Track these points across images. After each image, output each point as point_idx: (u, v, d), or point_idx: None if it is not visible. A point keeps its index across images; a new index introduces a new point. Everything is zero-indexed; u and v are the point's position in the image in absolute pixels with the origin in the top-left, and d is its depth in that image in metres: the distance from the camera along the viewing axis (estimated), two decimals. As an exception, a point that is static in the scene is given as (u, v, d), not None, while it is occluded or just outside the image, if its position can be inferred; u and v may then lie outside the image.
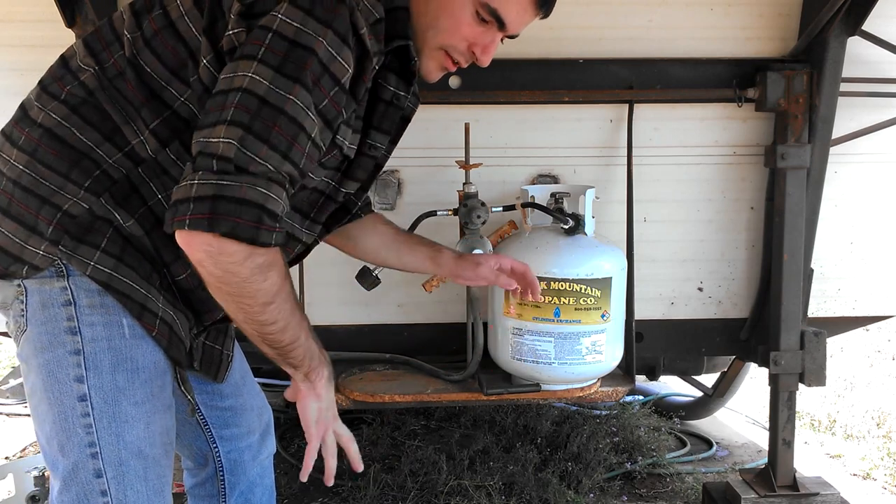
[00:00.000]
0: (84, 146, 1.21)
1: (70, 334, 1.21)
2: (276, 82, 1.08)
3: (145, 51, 1.21)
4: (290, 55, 1.09)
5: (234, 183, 1.05)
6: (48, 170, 1.20)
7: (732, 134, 2.30)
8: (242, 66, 1.09)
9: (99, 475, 1.22)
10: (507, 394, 2.13)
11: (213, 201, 1.04)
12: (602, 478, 2.72)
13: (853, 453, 3.25)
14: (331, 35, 1.11)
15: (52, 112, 1.22)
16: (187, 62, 1.20)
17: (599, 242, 2.10)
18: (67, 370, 1.21)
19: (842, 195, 2.36)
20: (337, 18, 1.11)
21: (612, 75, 2.22)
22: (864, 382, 4.33)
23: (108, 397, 1.22)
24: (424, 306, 2.32)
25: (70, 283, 1.20)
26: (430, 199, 2.16)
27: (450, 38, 1.27)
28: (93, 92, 1.22)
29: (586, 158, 2.30)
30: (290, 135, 1.09)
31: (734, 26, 2.22)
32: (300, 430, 3.59)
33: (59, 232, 1.19)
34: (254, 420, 1.61)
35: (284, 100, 1.08)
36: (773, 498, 2.31)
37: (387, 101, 1.31)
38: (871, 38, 2.16)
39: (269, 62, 1.09)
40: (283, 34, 1.10)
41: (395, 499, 2.58)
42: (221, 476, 1.58)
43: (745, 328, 2.45)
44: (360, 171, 1.37)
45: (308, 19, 1.10)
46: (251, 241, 1.06)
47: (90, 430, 1.21)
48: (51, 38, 2.06)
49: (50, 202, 1.19)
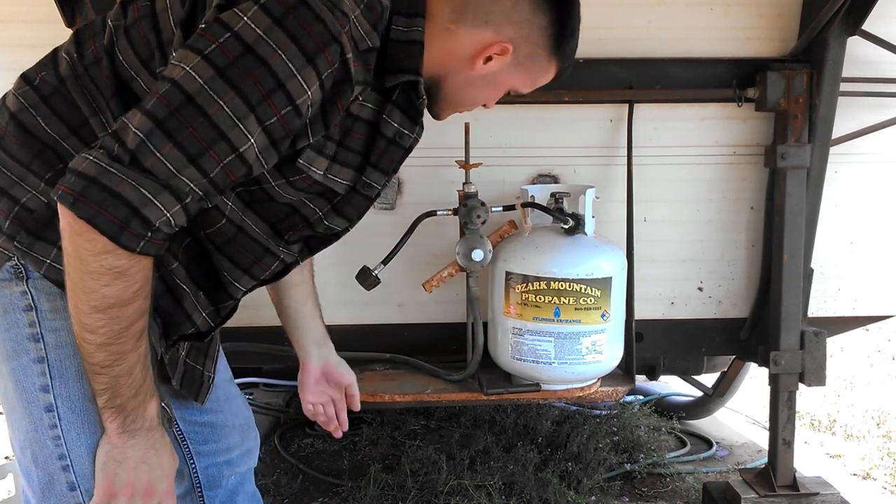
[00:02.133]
0: (49, 138, 1.14)
1: (33, 341, 1.14)
2: (213, 84, 0.99)
3: (122, 39, 1.14)
4: (239, 61, 0.99)
5: (117, 174, 0.96)
6: (11, 159, 1.14)
7: (732, 134, 2.30)
8: (186, 59, 1.00)
9: (73, 488, 1.15)
10: (507, 394, 2.13)
11: (88, 183, 0.96)
12: (602, 478, 2.72)
13: (853, 453, 3.25)
14: (293, 50, 1.00)
15: (22, 97, 1.17)
16: (154, 53, 1.13)
17: (599, 242, 2.10)
18: (33, 379, 1.14)
19: (842, 195, 2.36)
20: (307, 35, 1.01)
21: (612, 75, 2.22)
22: (864, 382, 4.33)
23: (76, 407, 1.14)
24: (424, 306, 2.32)
25: (30, 287, 1.13)
26: (430, 198, 2.16)
27: (474, 104, 1.31)
28: (64, 80, 1.16)
29: (586, 158, 2.30)
30: (205, 140, 0.99)
31: (734, 26, 2.22)
32: (300, 430, 3.59)
33: (16, 226, 1.12)
34: (234, 438, 1.50)
35: (212, 103, 0.99)
36: (773, 498, 2.31)
37: (389, 138, 1.23)
38: (871, 38, 2.16)
39: (214, 62, 0.99)
40: (241, 37, 1.00)
41: (395, 499, 2.58)
42: (199, 491, 1.47)
43: (745, 328, 2.45)
44: (350, 208, 1.30)
45: (274, 29, 1.00)
46: (112, 237, 0.97)
47: (59, 443, 1.14)
48: (51, 38, 2.05)
49: (9, 194, 1.13)
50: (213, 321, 1.31)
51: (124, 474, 1.12)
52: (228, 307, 1.34)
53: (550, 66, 1.30)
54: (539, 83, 1.32)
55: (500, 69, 1.24)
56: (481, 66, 1.22)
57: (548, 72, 1.30)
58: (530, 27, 1.22)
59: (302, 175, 1.18)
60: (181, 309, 1.23)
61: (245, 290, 1.32)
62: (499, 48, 1.21)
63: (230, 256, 1.26)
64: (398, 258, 1.98)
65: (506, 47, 1.21)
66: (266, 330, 2.33)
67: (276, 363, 2.41)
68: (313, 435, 3.23)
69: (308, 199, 1.26)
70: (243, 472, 1.54)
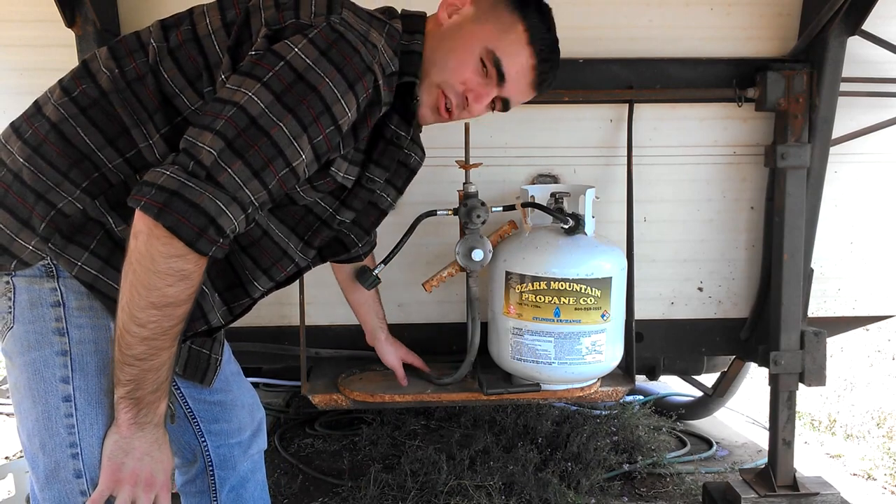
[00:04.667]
0: (86, 147, 1.23)
1: (58, 335, 1.23)
2: (272, 108, 1.14)
3: (168, 59, 1.26)
4: (293, 87, 1.15)
5: (196, 188, 1.10)
6: (49, 166, 1.22)
7: (732, 134, 2.30)
8: (247, 85, 1.15)
9: (79, 475, 1.23)
10: (507, 394, 2.13)
11: (170, 195, 1.09)
12: (602, 478, 2.72)
13: (853, 453, 3.25)
14: (338, 78, 1.17)
15: (62, 107, 1.25)
16: (202, 73, 1.25)
17: (599, 242, 2.10)
18: (54, 370, 1.23)
19: (842, 195, 2.36)
20: (348, 65, 1.18)
21: (612, 75, 2.22)
22: (864, 382, 4.34)
23: (93, 399, 1.24)
24: (424, 306, 2.32)
25: (60, 285, 1.23)
26: (430, 198, 2.15)
27: (450, 77, 1.36)
28: (106, 93, 1.25)
29: (586, 158, 2.30)
30: (267, 156, 1.14)
31: (734, 26, 2.22)
32: (300, 430, 3.59)
33: (51, 229, 1.21)
34: (244, 417, 1.62)
35: (273, 125, 1.14)
36: (773, 498, 2.31)
37: (387, 138, 1.39)
38: (871, 38, 2.16)
39: (272, 88, 1.15)
40: (293, 66, 1.16)
41: (395, 499, 2.58)
42: (211, 471, 1.59)
43: (745, 328, 2.45)
44: (356, 201, 1.46)
45: (321, 59, 1.17)
46: (189, 243, 1.09)
47: (72, 431, 1.23)
48: (51, 38, 2.07)
49: (45, 198, 1.21)
50: (225, 319, 1.42)
51: (130, 464, 1.21)
52: (243, 305, 1.45)
53: (515, 22, 1.34)
54: (508, 40, 1.34)
55: (462, 19, 1.37)
56: (447, 20, 1.37)
57: (513, 27, 1.34)
58: None
59: (327, 179, 1.34)
60: (199, 308, 1.34)
61: (262, 290, 1.44)
62: None
63: (254, 257, 1.40)
64: (398, 258, 1.98)
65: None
66: (266, 330, 2.34)
67: (277, 363, 2.41)
68: (313, 435, 3.23)
69: (320, 199, 1.41)
70: (255, 457, 1.65)
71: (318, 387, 2.21)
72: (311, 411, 3.25)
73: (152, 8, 2.05)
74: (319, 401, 2.18)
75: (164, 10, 2.09)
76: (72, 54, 2.01)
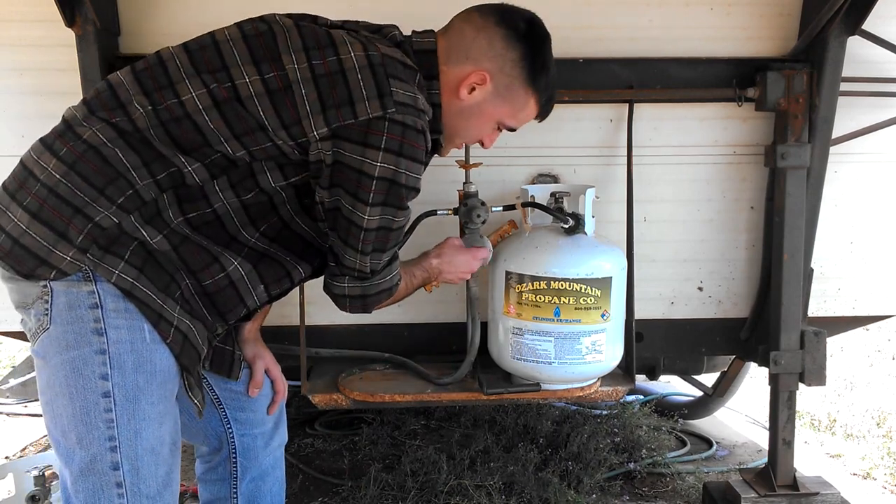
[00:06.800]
0: (122, 167, 1.31)
1: (97, 335, 1.31)
2: (386, 212, 1.42)
3: (213, 111, 1.34)
4: (391, 192, 1.40)
5: (371, 283, 1.53)
6: (85, 182, 1.30)
7: (732, 134, 2.30)
8: (360, 208, 1.40)
9: (116, 468, 1.32)
10: (507, 393, 2.13)
11: (364, 299, 1.55)
12: (602, 477, 2.72)
13: (853, 453, 3.25)
14: (416, 166, 1.41)
15: (100, 132, 1.33)
16: (254, 133, 1.35)
17: (599, 242, 2.10)
18: (93, 367, 1.31)
19: (842, 195, 2.36)
20: (418, 150, 1.39)
21: (612, 75, 2.22)
22: (864, 382, 4.34)
23: (130, 395, 1.32)
24: (424, 306, 2.32)
25: (98, 288, 1.30)
26: (430, 198, 2.14)
27: (470, 140, 1.66)
28: (140, 130, 1.33)
29: (586, 158, 2.30)
30: (395, 241, 1.51)
31: (734, 26, 2.22)
32: (300, 429, 3.58)
33: (89, 241, 1.30)
34: (265, 406, 1.75)
35: (392, 222, 1.45)
36: (773, 497, 2.31)
37: None
38: (871, 37, 2.16)
39: (378, 202, 1.40)
40: (384, 178, 1.37)
41: (395, 499, 2.58)
42: (234, 459, 1.71)
43: (745, 328, 2.45)
44: None
45: (400, 160, 1.37)
46: (379, 305, 1.60)
47: (111, 425, 1.31)
48: (51, 38, 2.07)
49: (83, 212, 1.29)
50: (261, 301, 1.54)
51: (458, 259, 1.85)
52: (282, 288, 1.57)
53: (529, 98, 1.55)
54: (522, 115, 1.58)
55: (483, 99, 1.52)
56: (467, 96, 1.51)
57: (527, 103, 1.56)
58: (503, 60, 1.49)
59: None
60: (240, 300, 1.49)
61: (304, 275, 1.60)
62: (478, 77, 1.49)
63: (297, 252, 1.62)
64: (398, 258, 1.98)
65: (483, 76, 1.49)
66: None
67: (277, 363, 2.41)
68: (313, 434, 3.23)
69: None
70: (277, 452, 1.80)
71: (319, 386, 2.22)
72: (312, 411, 3.25)
73: (152, 8, 2.05)
74: (319, 400, 2.18)
75: (164, 10, 2.09)
76: (72, 54, 2.00)
